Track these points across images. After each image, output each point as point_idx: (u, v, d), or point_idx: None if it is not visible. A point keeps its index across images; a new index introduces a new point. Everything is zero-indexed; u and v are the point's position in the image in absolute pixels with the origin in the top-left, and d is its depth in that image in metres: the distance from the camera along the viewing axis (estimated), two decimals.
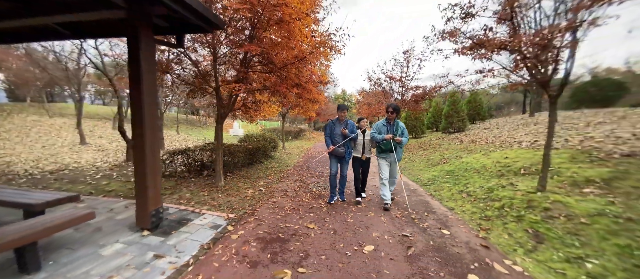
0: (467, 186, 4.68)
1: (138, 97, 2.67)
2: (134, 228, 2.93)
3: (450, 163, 6.64)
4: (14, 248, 1.98)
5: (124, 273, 2.13)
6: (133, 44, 2.68)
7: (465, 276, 2.15)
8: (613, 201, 2.86)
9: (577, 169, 3.83)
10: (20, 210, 2.82)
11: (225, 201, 4.14)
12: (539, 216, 2.95)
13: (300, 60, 4.50)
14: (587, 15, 2.72)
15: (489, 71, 3.84)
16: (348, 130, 3.84)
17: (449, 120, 13.34)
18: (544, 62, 2.93)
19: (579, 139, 5.29)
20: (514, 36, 2.93)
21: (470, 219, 3.47)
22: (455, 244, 2.73)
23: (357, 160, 4.08)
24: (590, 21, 2.66)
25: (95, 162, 7.42)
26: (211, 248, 2.62)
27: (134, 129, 2.75)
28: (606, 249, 2.28)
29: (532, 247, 2.58)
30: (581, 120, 7.72)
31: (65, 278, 2.03)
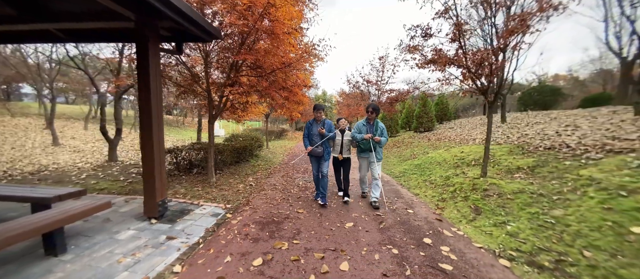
0: (430, 176, 5.46)
1: (147, 100, 2.98)
2: (141, 217, 3.21)
3: (419, 158, 7.49)
4: (42, 233, 2.24)
5: (144, 251, 2.47)
6: (142, 51, 2.98)
7: (421, 239, 2.78)
8: (532, 183, 3.71)
9: (511, 160, 4.73)
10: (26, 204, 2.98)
11: (220, 195, 4.48)
12: (479, 195, 3.72)
13: (287, 66, 4.97)
14: (517, 38, 3.54)
15: (445, 80, 4.61)
16: (325, 129, 3.81)
17: (420, 120, 14.50)
18: (481, 76, 3.70)
19: (517, 136, 6.35)
20: (457, 55, 3.68)
21: (430, 201, 4.20)
22: (417, 219, 3.39)
23: (335, 160, 4.09)
24: (513, 46, 3.47)
25: (75, 163, 7.21)
26: (216, 231, 3.01)
27: (143, 128, 3.04)
28: (522, 215, 3.05)
29: (472, 218, 3.32)
30: (524, 120, 9.04)
31: (92, 258, 2.32)
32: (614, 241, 2.19)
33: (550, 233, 2.59)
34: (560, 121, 7.30)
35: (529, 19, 3.09)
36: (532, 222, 2.88)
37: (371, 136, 3.73)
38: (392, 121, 16.26)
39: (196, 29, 3.26)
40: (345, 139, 4.00)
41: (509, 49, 3.42)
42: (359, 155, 4.05)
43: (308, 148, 3.83)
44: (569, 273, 2.08)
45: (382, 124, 3.86)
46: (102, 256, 2.35)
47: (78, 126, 14.89)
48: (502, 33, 3.38)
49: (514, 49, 3.44)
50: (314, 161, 3.99)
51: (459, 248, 2.62)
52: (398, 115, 16.61)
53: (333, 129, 3.95)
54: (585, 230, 2.42)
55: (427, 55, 4.22)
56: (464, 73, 3.86)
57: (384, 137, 3.82)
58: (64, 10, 3.27)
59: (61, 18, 3.26)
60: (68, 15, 3.23)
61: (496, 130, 8.32)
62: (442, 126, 14.55)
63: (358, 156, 4.10)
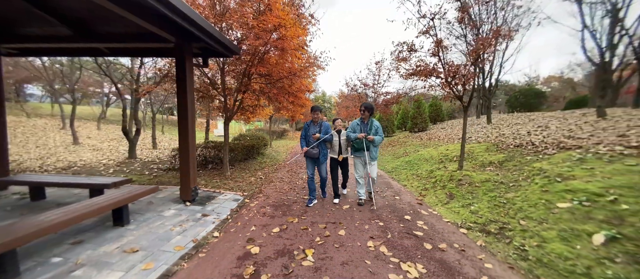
0: (417, 170, 6.17)
1: (184, 106, 3.67)
2: (177, 201, 3.90)
3: (410, 155, 8.20)
4: (113, 209, 2.92)
5: (187, 223, 3.16)
6: (180, 66, 3.67)
7: (403, 216, 3.49)
8: (497, 174, 4.41)
9: (486, 156, 5.45)
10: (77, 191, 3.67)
11: (236, 185, 5.18)
12: (454, 184, 4.43)
13: (293, 75, 5.67)
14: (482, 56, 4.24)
15: (430, 86, 5.32)
16: (322, 131, 3.79)
17: (414, 121, 15.20)
18: (457, 84, 4.42)
19: (496, 135, 7.07)
20: (434, 67, 4.39)
21: (415, 190, 4.91)
22: (402, 203, 4.09)
23: (334, 161, 4.07)
24: (481, 60, 4.17)
25: (99, 160, 7.88)
26: (239, 211, 3.70)
27: (181, 128, 3.74)
28: (484, 198, 3.76)
29: (446, 201, 4.03)
30: (507, 122, 9.77)
31: (149, 227, 3.01)
32: (543, 213, 2.90)
33: (501, 209, 3.30)
34: (536, 122, 8.03)
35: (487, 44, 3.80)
36: (490, 203, 3.59)
37: (364, 135, 3.73)
38: (389, 122, 16.98)
39: (221, 48, 3.96)
40: (342, 140, 4.03)
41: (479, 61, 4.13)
42: (354, 154, 4.05)
43: (304, 149, 3.80)
44: (506, 235, 2.79)
45: (377, 123, 3.80)
46: (157, 226, 3.04)
47: (91, 126, 15.54)
48: (469, 51, 4.09)
49: (479, 64, 4.14)
50: (310, 163, 3.92)
51: (431, 222, 3.32)
52: (394, 116, 17.34)
53: (330, 131, 3.90)
54: (525, 206, 3.13)
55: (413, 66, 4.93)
56: (442, 82, 4.57)
57: (379, 136, 3.75)
58: (112, 32, 3.96)
59: (109, 39, 3.95)
60: (116, 36, 3.93)
61: (481, 130, 9.04)
62: (435, 126, 15.27)
63: (353, 156, 4.09)
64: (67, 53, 4.73)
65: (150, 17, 3.05)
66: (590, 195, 2.78)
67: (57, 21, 3.65)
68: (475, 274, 2.14)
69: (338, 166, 4.14)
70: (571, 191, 2.98)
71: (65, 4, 3.42)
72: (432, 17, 4.43)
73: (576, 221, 2.55)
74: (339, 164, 4.13)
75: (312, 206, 3.87)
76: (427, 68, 4.44)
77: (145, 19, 3.03)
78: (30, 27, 4.09)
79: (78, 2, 3.25)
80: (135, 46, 4.15)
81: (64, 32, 3.94)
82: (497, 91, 22.98)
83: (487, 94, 11.37)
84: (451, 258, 2.42)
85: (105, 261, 2.24)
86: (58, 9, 3.48)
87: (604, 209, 2.54)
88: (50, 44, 4.21)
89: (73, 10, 3.58)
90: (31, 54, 5.13)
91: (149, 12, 2.95)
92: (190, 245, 2.61)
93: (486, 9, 3.99)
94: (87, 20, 3.74)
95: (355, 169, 3.95)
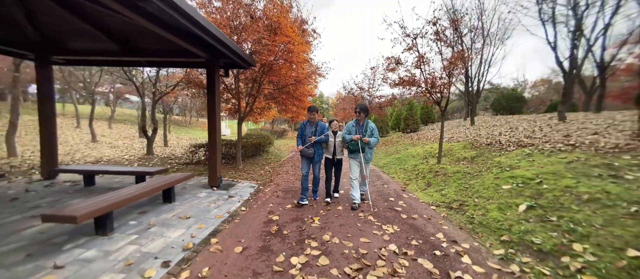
0: (405, 165, 7.06)
1: (213, 109, 4.49)
2: (205, 186, 4.72)
3: (400, 153, 9.09)
4: (163, 189, 3.72)
5: (218, 202, 3.97)
6: (210, 77, 4.49)
7: (388, 198, 4.35)
8: (467, 167, 5.31)
9: (462, 152, 6.34)
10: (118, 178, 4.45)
11: (249, 176, 6.00)
12: (432, 175, 5.31)
13: (298, 82, 6.52)
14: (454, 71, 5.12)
15: (415, 93, 6.21)
16: (318, 132, 3.83)
17: (407, 122, 16.14)
18: (435, 93, 5.30)
19: (473, 136, 8.00)
20: (415, 79, 5.28)
21: (401, 180, 5.78)
22: (388, 190, 4.96)
23: (329, 161, 4.06)
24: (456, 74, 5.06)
25: (121, 156, 8.63)
26: (256, 194, 4.53)
27: (210, 127, 4.56)
28: (453, 185, 4.64)
29: (424, 188, 4.91)
30: (487, 123, 10.73)
31: (191, 204, 3.83)
32: (492, 193, 3.78)
33: (463, 192, 4.18)
34: (510, 124, 8.98)
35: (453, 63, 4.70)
36: (456, 188, 4.47)
37: (359, 136, 3.65)
38: (383, 123, 17.89)
39: (241, 61, 4.78)
40: (338, 141, 4.00)
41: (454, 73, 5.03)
42: (349, 156, 3.95)
43: (299, 147, 3.86)
44: (463, 209, 3.66)
45: (372, 124, 3.75)
46: (196, 203, 3.86)
47: (102, 125, 16.17)
48: (444, 66, 4.98)
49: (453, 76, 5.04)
50: (305, 162, 3.92)
51: (410, 202, 4.19)
52: (388, 118, 18.27)
53: (326, 131, 3.91)
54: (481, 189, 4.01)
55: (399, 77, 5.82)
56: (423, 90, 5.46)
57: (374, 137, 3.68)
58: (152, 48, 4.76)
59: (150, 54, 4.75)
60: (156, 52, 4.72)
61: (464, 131, 9.97)
62: (426, 127, 16.20)
63: (348, 157, 3.99)
64: (110, 64, 5.52)
65: (189, 39, 3.86)
66: (525, 179, 3.67)
67: (107, 38, 4.44)
68: (433, 231, 3.00)
69: (332, 166, 4.10)
70: (514, 177, 3.87)
71: (115, 25, 4.22)
72: (415, 37, 5.31)
73: (511, 197, 3.43)
74: (333, 165, 4.08)
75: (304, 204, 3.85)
76: (411, 79, 5.32)
77: (184, 40, 3.83)
78: (82, 42, 4.86)
79: (130, 25, 4.05)
80: (170, 60, 4.95)
81: (111, 47, 4.73)
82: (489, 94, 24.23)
83: (471, 99, 12.32)
84: (419, 223, 3.28)
85: (168, 223, 3.06)
86: (109, 28, 4.28)
87: (531, 188, 3.43)
88: (97, 56, 4.99)
89: (121, 30, 4.37)
90: (77, 64, 5.89)
91: (188, 36, 3.76)
92: (226, 215, 3.44)
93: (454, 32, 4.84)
94: (132, 38, 4.53)
95: (351, 170, 3.84)
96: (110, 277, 1.99)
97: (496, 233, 2.86)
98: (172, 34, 3.49)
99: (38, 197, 3.91)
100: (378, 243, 2.69)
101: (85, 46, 4.95)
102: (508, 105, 13.96)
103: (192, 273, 2.10)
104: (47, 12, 4.04)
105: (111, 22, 4.10)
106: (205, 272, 2.11)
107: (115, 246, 2.47)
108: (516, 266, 2.25)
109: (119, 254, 2.32)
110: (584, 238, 2.35)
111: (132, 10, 2.70)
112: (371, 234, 2.92)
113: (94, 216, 2.44)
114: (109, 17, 3.80)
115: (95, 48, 4.90)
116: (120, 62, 5.26)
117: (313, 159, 3.90)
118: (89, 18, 3.97)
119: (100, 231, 2.66)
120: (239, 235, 2.85)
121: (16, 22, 4.17)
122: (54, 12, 3.88)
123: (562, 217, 2.70)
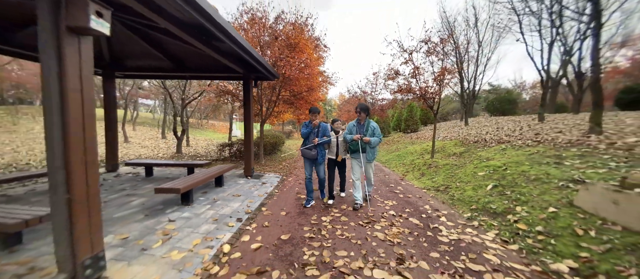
0: (403, 160, 8.06)
1: (248, 114, 5.56)
2: (241, 176, 5.78)
3: (400, 151, 10.09)
4: (216, 177, 4.78)
5: (256, 186, 5.03)
6: (246, 87, 5.57)
7: (389, 185, 5.37)
8: (455, 160, 6.30)
9: (453, 149, 7.33)
10: (169, 170, 5.55)
11: (272, 169, 7.06)
12: (426, 167, 6.32)
13: (311, 89, 7.58)
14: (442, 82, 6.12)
15: (412, 98, 7.22)
16: (320, 132, 3.78)
17: (407, 123, 17.11)
18: (428, 99, 6.31)
19: (464, 134, 8.97)
20: (411, 87, 6.30)
21: (400, 172, 6.80)
22: (389, 179, 5.98)
23: (332, 162, 4.02)
24: (444, 84, 6.07)
25: (156, 155, 9.76)
26: (283, 182, 5.58)
27: (246, 129, 5.63)
28: (442, 174, 5.64)
29: (419, 177, 5.91)
30: (480, 124, 11.66)
31: (236, 188, 4.89)
32: (470, 179, 4.77)
33: (449, 179, 5.19)
34: (499, 124, 9.92)
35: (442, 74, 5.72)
36: (444, 176, 5.47)
37: (360, 136, 3.60)
38: (385, 124, 18.88)
39: (268, 74, 5.85)
40: (340, 141, 3.95)
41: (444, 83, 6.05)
42: (351, 156, 3.91)
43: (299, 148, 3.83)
44: (448, 191, 4.66)
45: (374, 123, 3.71)
46: (239, 187, 4.92)
47: (127, 128, 17.40)
48: (434, 77, 6.00)
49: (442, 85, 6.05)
50: (308, 164, 3.84)
51: (407, 187, 5.20)
52: (390, 119, 19.27)
53: (328, 132, 3.85)
54: (462, 176, 5.01)
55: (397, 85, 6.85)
56: (417, 96, 6.48)
57: (376, 137, 3.64)
58: (198, 65, 5.85)
59: (197, 70, 5.85)
60: (202, 68, 5.82)
61: (459, 131, 10.93)
62: (425, 128, 17.15)
63: (350, 157, 3.94)
64: (162, 77, 6.64)
65: (233, 59, 4.93)
66: (495, 167, 4.67)
67: (166, 59, 5.54)
68: (422, 204, 4.02)
69: (336, 167, 4.07)
70: (488, 166, 4.86)
71: (176, 49, 5.32)
72: (411, 52, 6.33)
73: (483, 180, 4.43)
74: (337, 165, 4.05)
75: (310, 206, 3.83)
76: (408, 87, 6.35)
77: (229, 60, 4.90)
78: (142, 61, 5.98)
79: (188, 50, 5.13)
80: (212, 75, 6.04)
81: (166, 65, 5.84)
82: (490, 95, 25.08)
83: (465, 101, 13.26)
84: (413, 199, 4.30)
85: (227, 199, 4.12)
86: (172, 52, 5.38)
87: (498, 173, 4.43)
88: (153, 72, 6.11)
89: (179, 53, 5.47)
90: (134, 77, 7.03)
91: (234, 57, 4.83)
92: (265, 195, 4.49)
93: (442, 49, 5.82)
94: (186, 58, 5.64)
95: (352, 171, 3.84)
96: (207, 225, 3.05)
97: (468, 204, 3.87)
98: (224, 57, 4.56)
99: (118, 183, 5.02)
100: (381, 211, 3.71)
101: (144, 64, 6.06)
102: (501, 107, 14.87)
103: (258, 224, 3.15)
104: (124, 40, 5.15)
105: (175, 48, 5.19)
106: (267, 223, 3.16)
107: (200, 211, 3.54)
108: (476, 222, 3.26)
109: (205, 215, 3.38)
110: (524, 203, 3.34)
111: (208, 46, 3.78)
112: (376, 205, 3.95)
113: (187, 190, 3.52)
114: (175, 45, 4.89)
115: (152, 65, 6.01)
116: (169, 77, 6.36)
117: (316, 161, 3.78)
118: (157, 45, 5.08)
119: (185, 202, 3.73)
120: (280, 206, 3.90)
121: (98, 47, 5.30)
122: (131, 39, 4.99)
123: (513, 191, 3.70)
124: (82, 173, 1.79)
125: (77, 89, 1.75)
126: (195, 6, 2.61)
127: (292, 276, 2.10)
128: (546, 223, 2.85)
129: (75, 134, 1.76)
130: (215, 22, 2.99)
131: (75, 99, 1.74)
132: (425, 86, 6.29)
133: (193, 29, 3.39)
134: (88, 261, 1.84)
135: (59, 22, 1.66)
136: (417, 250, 2.56)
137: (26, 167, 6.82)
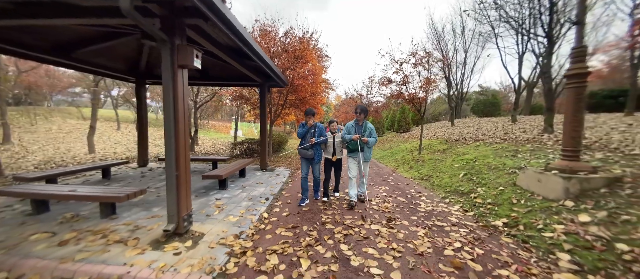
0: (395, 157, 9.12)
1: (264, 117, 6.50)
2: (257, 169, 6.72)
3: (393, 148, 11.16)
4: (239, 170, 5.71)
5: (272, 177, 5.98)
6: (262, 94, 6.50)
7: (382, 176, 6.39)
8: (438, 156, 7.36)
9: (438, 146, 8.41)
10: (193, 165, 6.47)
11: (281, 164, 8.01)
12: (414, 162, 7.37)
13: (315, 94, 8.57)
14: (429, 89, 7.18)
15: (402, 102, 8.27)
16: (317, 133, 3.85)
17: (400, 124, 18.24)
18: (417, 104, 7.36)
19: (448, 134, 10.08)
20: (402, 93, 7.34)
21: (392, 166, 7.84)
22: (383, 172, 7.00)
23: (329, 161, 4.08)
24: (430, 89, 7.13)
25: None
26: (293, 174, 6.55)
27: (261, 129, 6.57)
28: (426, 167, 6.69)
29: (408, 170, 6.96)
30: (465, 124, 12.82)
31: (256, 178, 5.82)
32: (448, 170, 5.82)
33: (432, 171, 6.24)
34: (480, 125, 11.08)
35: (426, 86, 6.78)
36: (428, 168, 6.52)
37: (359, 136, 3.73)
38: (379, 124, 20.00)
39: (280, 82, 6.81)
40: (337, 141, 4.02)
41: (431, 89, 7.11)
42: (348, 155, 3.99)
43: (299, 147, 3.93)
44: (429, 180, 5.70)
45: (371, 125, 3.85)
46: (259, 177, 5.86)
47: (131, 127, 18.06)
48: (421, 85, 7.06)
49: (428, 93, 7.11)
50: (305, 163, 3.92)
51: (397, 177, 6.23)
52: (384, 120, 20.41)
53: (324, 133, 3.93)
54: (443, 168, 6.06)
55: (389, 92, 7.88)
56: (406, 101, 7.53)
57: (373, 137, 3.78)
58: (220, 75, 6.77)
59: (219, 79, 6.76)
60: (223, 77, 6.74)
61: (445, 131, 12.05)
62: (417, 128, 18.28)
63: (347, 156, 4.03)
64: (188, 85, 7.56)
65: (254, 70, 5.85)
66: (468, 160, 5.73)
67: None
68: (409, 189, 5.04)
69: (332, 167, 4.15)
70: (463, 159, 5.93)
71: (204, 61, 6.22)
72: (401, 64, 7.38)
73: (458, 170, 5.48)
74: (333, 165, 4.12)
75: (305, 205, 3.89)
76: (399, 93, 7.39)
77: (250, 71, 5.82)
78: None
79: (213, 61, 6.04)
80: (232, 83, 6.95)
81: (193, 74, 6.73)
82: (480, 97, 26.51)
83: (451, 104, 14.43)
84: (401, 186, 5.33)
85: (252, 186, 5.06)
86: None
87: (469, 164, 5.49)
88: None
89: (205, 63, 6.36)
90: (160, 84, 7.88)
91: (255, 69, 5.76)
92: (281, 183, 5.45)
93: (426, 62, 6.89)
94: (210, 69, 6.54)
95: (349, 169, 3.93)
96: (246, 202, 4.00)
97: (444, 188, 4.91)
98: (248, 69, 5.50)
99: (156, 174, 5.90)
100: (376, 193, 4.72)
101: None
102: (484, 109, 16.15)
103: (283, 201, 4.12)
104: (157, 53, 6.02)
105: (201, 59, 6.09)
106: (289, 201, 4.13)
107: (235, 193, 4.48)
108: (448, 199, 4.30)
109: (240, 196, 4.32)
110: (484, 185, 4.39)
111: (239, 63, 4.72)
112: (372, 189, 4.96)
113: (227, 176, 4.47)
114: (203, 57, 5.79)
115: None
116: (194, 84, 7.22)
117: (312, 160, 3.87)
118: None
119: (222, 187, 4.66)
120: (296, 190, 4.87)
121: (137, 58, 6.16)
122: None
123: (478, 177, 4.75)
124: (183, 157, 2.73)
125: (181, 99, 2.69)
126: (240, 37, 3.56)
127: (316, 227, 3.09)
128: (494, 197, 3.90)
129: (180, 130, 2.70)
130: (252, 47, 3.93)
131: (180, 106, 2.68)
132: (413, 93, 7.34)
133: (232, 52, 4.34)
134: (185, 217, 2.78)
135: (174, 62, 2.60)
136: (402, 215, 3.57)
137: (63, 163, 7.61)
